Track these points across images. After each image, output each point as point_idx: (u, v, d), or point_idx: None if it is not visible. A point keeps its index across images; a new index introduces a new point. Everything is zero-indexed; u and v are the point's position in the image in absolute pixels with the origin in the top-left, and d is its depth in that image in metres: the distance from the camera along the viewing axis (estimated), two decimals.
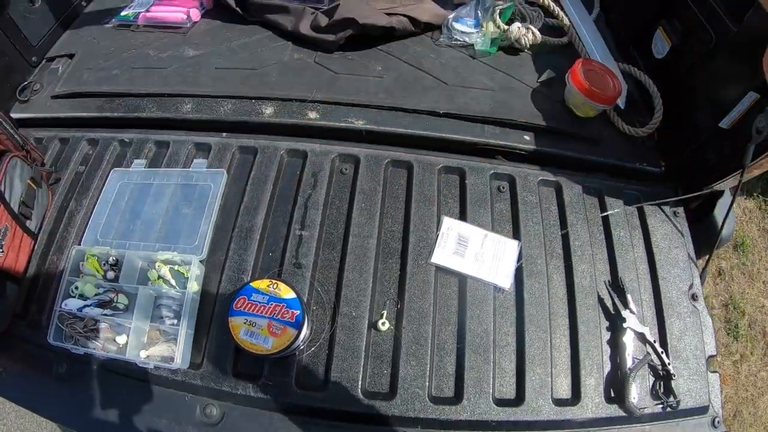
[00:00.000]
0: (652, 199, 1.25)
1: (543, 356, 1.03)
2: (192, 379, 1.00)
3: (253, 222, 1.15)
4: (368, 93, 1.35)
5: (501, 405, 0.99)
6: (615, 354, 1.05)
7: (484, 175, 1.23)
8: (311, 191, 1.20)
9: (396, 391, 0.98)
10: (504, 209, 1.21)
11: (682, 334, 1.09)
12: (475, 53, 1.49)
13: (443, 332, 1.05)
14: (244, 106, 1.34)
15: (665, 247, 1.19)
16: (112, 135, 1.34)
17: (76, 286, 1.08)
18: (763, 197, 2.53)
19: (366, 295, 1.07)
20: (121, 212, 1.21)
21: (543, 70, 1.45)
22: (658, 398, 1.02)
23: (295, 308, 0.94)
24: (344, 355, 1.01)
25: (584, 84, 1.27)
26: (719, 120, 1.14)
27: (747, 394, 2.09)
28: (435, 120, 1.31)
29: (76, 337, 1.04)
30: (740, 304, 2.25)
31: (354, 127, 1.29)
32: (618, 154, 1.31)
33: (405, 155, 1.25)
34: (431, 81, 1.39)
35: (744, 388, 2.10)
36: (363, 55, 1.46)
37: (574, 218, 1.19)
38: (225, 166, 1.24)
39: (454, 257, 1.11)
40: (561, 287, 1.11)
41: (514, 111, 1.33)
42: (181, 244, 1.14)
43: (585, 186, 1.24)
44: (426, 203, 1.19)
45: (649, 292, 1.13)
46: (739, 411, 2.05)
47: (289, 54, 1.46)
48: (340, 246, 1.14)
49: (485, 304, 1.07)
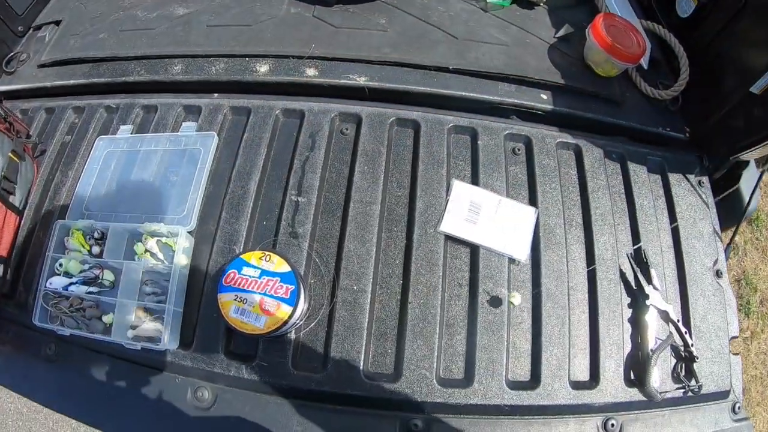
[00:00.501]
0: (677, 167, 1.16)
1: (560, 335, 0.95)
2: (182, 360, 0.93)
3: (246, 188, 1.05)
4: (371, 48, 1.23)
5: (515, 388, 0.91)
6: (636, 333, 0.97)
7: (497, 136, 1.12)
8: (309, 154, 1.09)
9: (401, 373, 0.91)
10: (519, 173, 1.10)
11: (706, 313, 1.02)
12: (486, 5, 1.36)
13: (453, 308, 0.96)
14: (237, 65, 1.23)
15: (690, 219, 1.10)
16: (99, 101, 1.24)
17: (61, 263, 1.00)
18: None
19: (368, 267, 0.97)
20: (107, 182, 1.12)
21: (560, 24, 1.33)
22: (679, 381, 0.95)
23: (289, 283, 0.83)
24: (345, 333, 0.92)
25: (606, 39, 1.16)
26: (750, 85, 1.04)
27: (756, 372, 2.05)
28: (444, 76, 1.20)
29: (62, 317, 0.97)
30: (753, 280, 2.19)
31: (356, 84, 1.18)
32: (640, 117, 1.21)
33: (411, 113, 1.14)
34: (439, 35, 1.27)
35: (753, 366, 2.06)
36: (365, 8, 1.34)
37: (594, 184, 1.09)
38: (216, 128, 1.14)
39: (465, 225, 1.01)
40: (581, 260, 1.02)
41: (530, 68, 1.21)
42: (169, 214, 1.04)
43: (606, 150, 1.14)
44: (434, 166, 1.08)
45: (672, 266, 1.05)
46: (748, 389, 2.01)
47: (285, 8, 1.34)
48: (340, 213, 1.04)
49: (499, 277, 0.98)
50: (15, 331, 1.03)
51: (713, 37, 1.18)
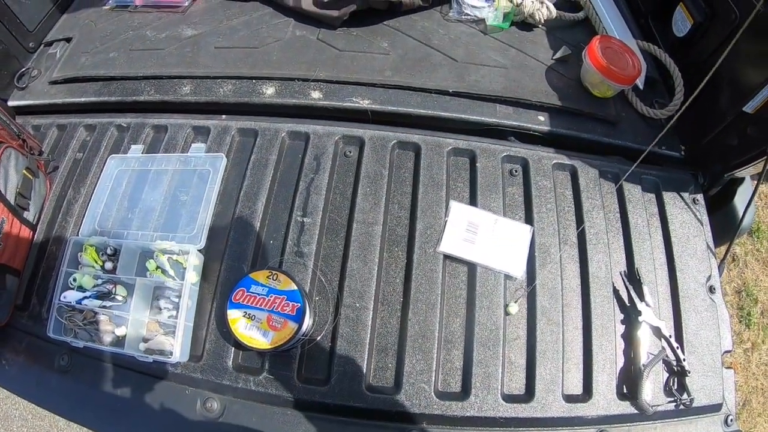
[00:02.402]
0: (672, 185, 1.20)
1: (554, 350, 0.99)
2: (192, 372, 0.97)
3: (254, 208, 1.10)
4: (374, 71, 1.29)
5: (510, 401, 0.95)
6: (629, 349, 1.01)
7: (495, 158, 1.17)
8: (314, 176, 1.14)
9: (401, 386, 0.95)
10: (516, 194, 1.15)
11: (699, 329, 1.05)
12: (486, 29, 1.42)
13: (451, 324, 1.01)
14: (244, 87, 1.28)
15: (683, 236, 1.14)
16: (110, 120, 1.30)
17: (75, 277, 1.05)
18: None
19: (370, 285, 1.02)
20: (119, 200, 1.17)
21: (558, 46, 1.38)
22: (671, 395, 0.99)
23: (295, 301, 0.89)
24: (348, 348, 0.97)
25: (602, 62, 1.20)
26: (743, 104, 1.09)
27: (757, 383, 2.07)
28: (444, 99, 1.25)
29: (76, 329, 1.02)
30: (753, 292, 2.20)
31: (359, 106, 1.23)
32: (636, 136, 1.25)
33: (412, 136, 1.19)
34: (440, 58, 1.32)
35: (754, 377, 2.08)
36: (368, 32, 1.39)
37: (589, 204, 1.13)
38: (224, 149, 1.19)
39: (463, 245, 1.06)
40: (575, 277, 1.07)
41: (528, 90, 1.26)
42: (179, 232, 1.09)
43: (602, 170, 1.18)
44: (434, 187, 1.13)
45: (665, 283, 1.09)
46: (749, 400, 2.03)
47: (290, 31, 1.39)
48: (343, 233, 1.08)
49: (495, 294, 1.02)
50: (29, 341, 1.07)
51: (708, 56, 1.22)
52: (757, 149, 1.06)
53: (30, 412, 2.01)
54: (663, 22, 1.40)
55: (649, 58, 1.37)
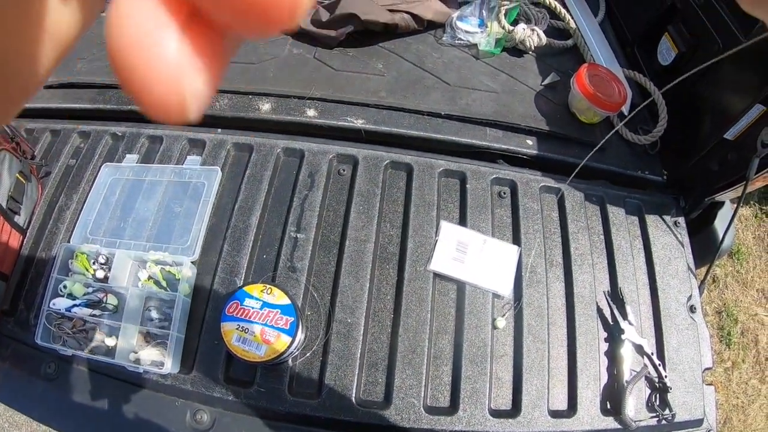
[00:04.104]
0: (654, 208, 1.24)
1: (540, 367, 1.02)
2: (182, 384, 0.98)
3: (248, 223, 1.13)
4: (368, 91, 1.32)
5: (497, 416, 0.97)
6: (612, 366, 1.04)
7: (485, 180, 1.21)
8: (308, 192, 1.17)
9: (391, 400, 0.96)
10: (504, 215, 1.19)
11: (680, 347, 1.08)
12: (478, 53, 1.46)
13: (440, 341, 1.03)
14: (240, 102, 1.31)
15: (665, 258, 1.18)
16: (105, 128, 1.31)
17: (65, 285, 1.05)
18: (759, 205, 2.53)
19: (362, 301, 1.04)
20: (112, 209, 1.18)
21: (547, 73, 1.43)
22: (653, 411, 1.01)
23: (289, 315, 0.92)
24: (339, 362, 0.99)
25: (589, 89, 1.25)
26: (724, 131, 1.13)
27: (738, 401, 2.11)
28: (436, 121, 1.29)
29: (65, 337, 1.02)
30: (733, 312, 2.26)
31: (353, 126, 1.26)
32: (621, 161, 1.30)
33: (405, 157, 1.23)
34: (433, 81, 1.37)
35: (735, 395, 2.12)
36: (364, 52, 1.43)
37: (575, 227, 1.17)
38: (219, 163, 1.21)
39: (452, 263, 1.09)
40: (560, 296, 1.10)
41: (517, 114, 1.31)
42: (172, 243, 1.11)
43: (587, 193, 1.22)
44: (425, 207, 1.16)
45: (647, 303, 1.12)
46: (729, 418, 2.07)
47: (288, 49, 1.43)
48: (336, 250, 1.11)
49: (483, 312, 1.06)
50: (15, 347, 1.07)
51: (691, 84, 1.25)
52: (738, 175, 1.10)
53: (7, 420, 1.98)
54: (649, 51, 1.45)
55: (634, 85, 1.42)
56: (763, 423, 2.08)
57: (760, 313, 2.29)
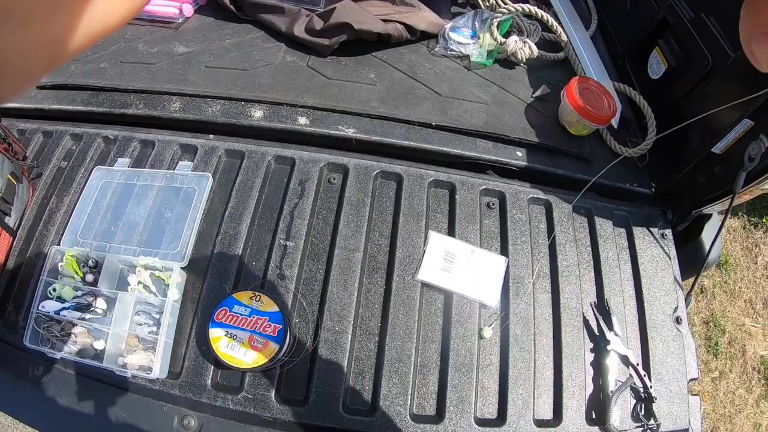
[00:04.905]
0: (642, 221, 1.26)
1: (526, 377, 1.04)
2: (170, 389, 0.99)
3: (238, 229, 1.14)
4: (360, 101, 1.34)
5: (482, 425, 0.99)
6: (598, 376, 1.06)
7: (474, 191, 1.23)
8: (298, 200, 1.18)
9: (377, 408, 0.98)
10: (493, 226, 1.21)
11: (665, 357, 1.10)
12: (470, 65, 1.48)
13: (427, 350, 1.05)
14: (233, 108, 1.32)
15: (652, 270, 1.20)
16: (97, 131, 1.32)
17: (54, 287, 1.06)
18: (747, 217, 2.58)
19: (350, 309, 1.06)
20: (103, 212, 1.19)
21: (538, 85, 1.46)
22: (638, 420, 1.03)
23: (277, 322, 0.94)
24: (326, 369, 1.01)
25: (579, 102, 1.27)
26: (712, 145, 1.15)
27: (725, 410, 2.15)
28: (427, 132, 1.31)
29: (53, 340, 1.03)
30: (721, 322, 2.31)
31: (344, 135, 1.28)
32: (609, 173, 1.30)
33: (395, 167, 1.25)
34: (425, 91, 1.39)
35: (722, 405, 2.16)
36: (356, 61, 1.46)
37: (562, 238, 1.19)
38: (211, 169, 1.23)
39: (440, 273, 1.11)
40: (547, 307, 1.12)
41: (507, 126, 1.33)
42: (163, 249, 1.12)
43: (575, 205, 1.25)
44: (414, 217, 1.18)
45: (634, 314, 1.14)
46: (717, 427, 2.11)
47: (281, 56, 1.45)
48: (325, 258, 1.13)
49: (470, 322, 1.08)
50: (2, 349, 1.07)
51: (680, 98, 1.30)
52: (725, 188, 1.12)
53: None
54: (639, 64, 1.49)
55: (624, 99, 1.45)
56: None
57: (747, 323, 2.34)
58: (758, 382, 2.24)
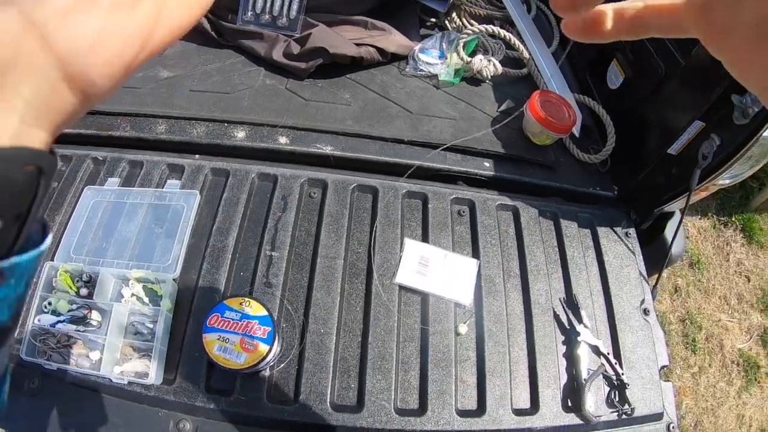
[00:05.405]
0: (606, 221, 1.37)
1: (502, 369, 1.11)
2: (165, 395, 1.05)
3: (225, 243, 1.22)
4: (336, 120, 1.44)
5: (463, 416, 1.06)
6: (571, 366, 1.14)
7: (445, 200, 1.33)
8: (281, 214, 1.27)
9: (363, 404, 1.05)
10: (464, 232, 1.31)
11: (635, 346, 1.18)
12: (438, 83, 1.59)
13: (407, 348, 1.13)
14: (216, 129, 1.41)
15: (617, 266, 1.30)
16: (86, 152, 1.38)
17: (50, 302, 1.11)
18: (717, 217, 2.72)
19: (333, 313, 1.15)
20: (94, 230, 1.25)
21: (503, 100, 1.58)
22: (613, 406, 1.10)
23: (266, 325, 1.02)
24: (313, 370, 1.08)
25: (541, 114, 1.38)
26: (668, 146, 1.25)
27: (707, 404, 2.24)
28: (400, 147, 1.41)
29: (49, 352, 1.07)
30: (697, 319, 2.41)
31: (322, 152, 1.38)
32: (573, 179, 1.43)
33: (371, 180, 1.34)
34: (397, 109, 1.50)
35: (704, 399, 2.25)
36: (332, 83, 1.56)
37: (530, 240, 1.30)
38: (198, 187, 1.31)
39: (416, 276, 1.21)
40: (518, 304, 1.21)
41: (475, 139, 1.43)
42: (154, 262, 1.19)
43: (541, 210, 1.35)
44: (390, 226, 1.28)
45: (602, 307, 1.23)
46: (700, 421, 2.19)
47: (261, 80, 1.55)
48: (308, 267, 1.21)
49: (446, 320, 1.16)
50: None
51: (636, 104, 1.41)
52: (682, 186, 1.21)
53: None
54: (599, 76, 1.61)
55: (585, 109, 1.57)
56: (734, 424, 2.21)
57: (723, 318, 2.44)
58: (738, 375, 2.33)
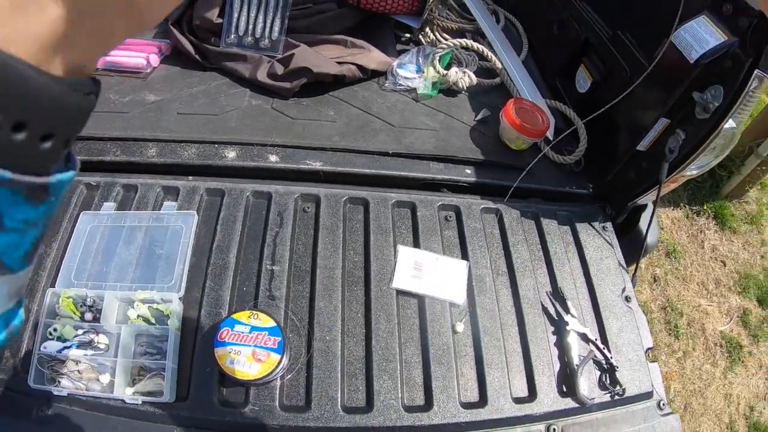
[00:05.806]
0: (584, 217, 1.46)
1: (499, 361, 1.18)
2: (179, 412, 1.07)
3: (226, 260, 1.26)
4: (323, 136, 1.51)
5: (467, 408, 1.12)
6: (562, 354, 1.21)
7: (432, 207, 1.41)
8: (278, 229, 1.33)
9: (372, 404, 1.09)
10: (452, 236, 1.39)
11: (620, 332, 1.25)
12: (417, 96, 1.68)
13: (409, 348, 1.19)
14: (207, 151, 1.46)
15: (597, 258, 1.39)
16: (78, 178, 1.39)
17: (55, 328, 1.12)
18: (689, 206, 2.86)
19: (337, 320, 1.20)
20: (94, 254, 1.26)
21: (479, 109, 1.67)
22: (605, 388, 1.18)
23: (276, 335, 1.07)
24: (322, 376, 1.12)
25: (516, 120, 1.47)
26: (637, 144, 1.33)
27: (694, 386, 2.33)
28: (385, 159, 1.49)
29: (58, 378, 1.08)
30: (677, 306, 2.51)
31: (312, 168, 1.44)
32: (550, 180, 1.52)
33: (361, 193, 1.41)
34: (380, 124, 1.58)
35: (691, 381, 2.34)
36: (316, 101, 1.63)
37: (514, 239, 1.39)
38: (194, 207, 1.34)
39: (412, 280, 1.28)
40: (508, 300, 1.29)
41: (455, 148, 1.52)
42: (158, 283, 1.22)
43: (522, 211, 1.44)
44: (383, 234, 1.35)
45: (586, 297, 1.31)
46: (689, 403, 2.28)
47: (247, 100, 1.60)
48: (308, 278, 1.26)
49: (443, 319, 1.23)
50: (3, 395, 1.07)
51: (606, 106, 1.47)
52: (652, 180, 1.29)
53: None
54: (568, 81, 1.71)
55: (557, 113, 1.67)
56: (723, 403, 2.31)
57: (702, 303, 2.55)
58: (722, 356, 2.44)
